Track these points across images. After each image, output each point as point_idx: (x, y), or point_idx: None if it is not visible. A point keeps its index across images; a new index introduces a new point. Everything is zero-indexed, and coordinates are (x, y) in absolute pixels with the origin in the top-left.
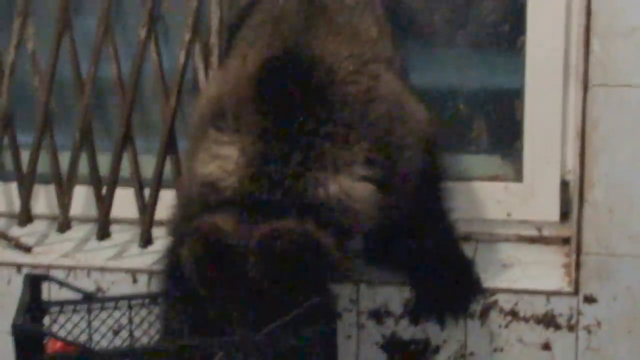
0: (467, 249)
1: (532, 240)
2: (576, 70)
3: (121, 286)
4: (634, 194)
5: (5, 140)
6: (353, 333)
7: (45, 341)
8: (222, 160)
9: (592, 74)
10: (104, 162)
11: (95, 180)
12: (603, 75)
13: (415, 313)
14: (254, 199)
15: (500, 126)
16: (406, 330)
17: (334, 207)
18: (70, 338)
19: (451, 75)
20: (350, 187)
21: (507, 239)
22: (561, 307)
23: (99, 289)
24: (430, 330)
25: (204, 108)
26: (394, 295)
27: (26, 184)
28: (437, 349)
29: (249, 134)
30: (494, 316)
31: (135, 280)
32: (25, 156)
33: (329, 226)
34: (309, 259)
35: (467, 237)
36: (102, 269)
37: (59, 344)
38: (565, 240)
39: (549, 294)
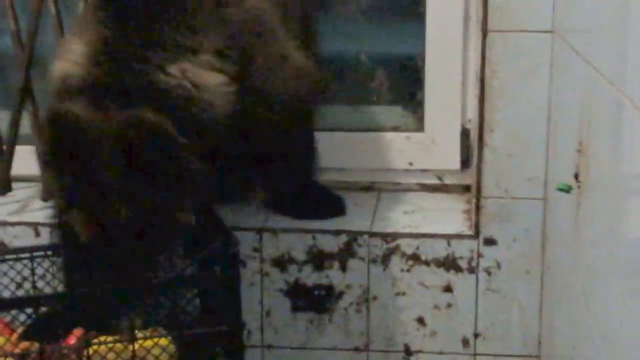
0: (370, 198)
1: (433, 188)
2: (476, 17)
3: (24, 240)
4: (532, 138)
5: None
6: (257, 280)
7: None
8: (70, 54)
9: (490, 20)
10: (4, 118)
11: None
12: (500, 21)
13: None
14: (101, 85)
15: (401, 76)
16: (309, 277)
17: (178, 92)
18: None
19: (353, 36)
20: (196, 74)
21: (409, 188)
22: (462, 250)
23: (0, 243)
24: (334, 276)
25: None
26: (297, 243)
27: None
28: (340, 295)
29: (94, 27)
30: (396, 261)
31: (37, 234)
32: None
33: (177, 114)
34: (160, 149)
35: (370, 187)
36: (4, 224)
37: None
38: (466, 188)
39: (449, 238)
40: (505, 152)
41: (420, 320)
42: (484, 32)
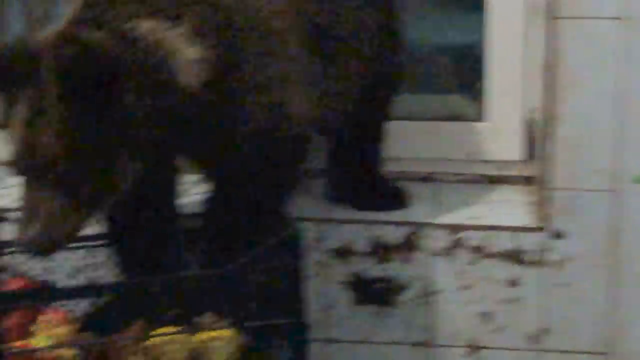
0: (430, 189)
1: (495, 180)
2: (541, 3)
3: None
4: (601, 128)
5: None
6: (318, 272)
7: (4, 280)
8: None
9: (557, 6)
10: None
11: None
12: (568, 8)
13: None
14: (72, 19)
15: (462, 64)
16: (371, 269)
17: (138, 44)
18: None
19: (413, 25)
20: (166, 38)
21: (469, 179)
22: (528, 243)
23: None
24: (396, 268)
25: None
26: (359, 234)
27: None
28: (403, 288)
29: None
30: (460, 253)
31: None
32: None
33: (133, 59)
34: (95, 68)
35: (429, 178)
36: None
37: (18, 283)
38: (529, 180)
39: (515, 230)
40: (573, 142)
41: (486, 315)
42: (551, 19)
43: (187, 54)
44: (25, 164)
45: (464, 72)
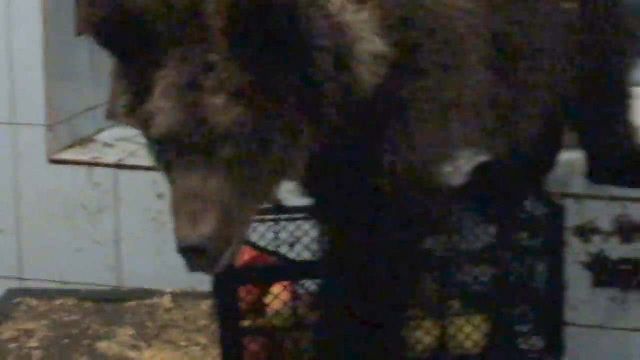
0: None
1: None
2: None
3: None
4: None
5: None
6: None
7: None
8: None
9: None
10: None
11: None
12: None
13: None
14: None
15: None
16: (615, 250)
17: (332, 18)
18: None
19: None
20: (353, 20)
21: None
22: None
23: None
24: None
25: None
26: (603, 211)
27: None
28: None
29: None
30: None
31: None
32: None
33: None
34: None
35: None
36: None
37: (248, 256)
38: None
39: None
40: None
41: None
42: None
43: (372, 45)
44: (186, 138)
45: None
